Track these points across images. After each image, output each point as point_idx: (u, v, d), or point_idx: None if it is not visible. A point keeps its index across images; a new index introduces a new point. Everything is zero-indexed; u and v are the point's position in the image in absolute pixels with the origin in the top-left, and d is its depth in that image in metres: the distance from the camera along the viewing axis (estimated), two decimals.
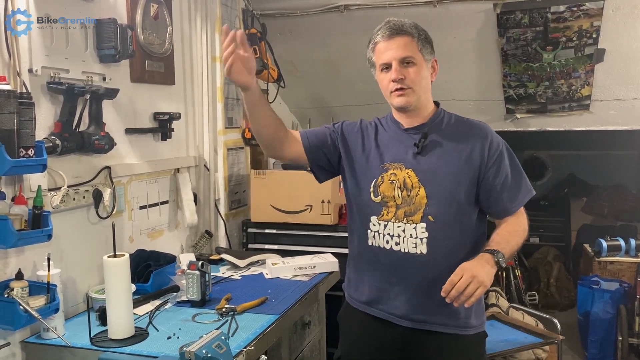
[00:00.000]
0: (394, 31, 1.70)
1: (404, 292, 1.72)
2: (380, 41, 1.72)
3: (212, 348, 1.40)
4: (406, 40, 1.70)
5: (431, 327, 1.71)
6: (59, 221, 1.80)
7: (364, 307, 1.81)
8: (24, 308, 1.56)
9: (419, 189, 1.70)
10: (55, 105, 1.85)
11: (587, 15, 2.76)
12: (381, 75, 1.75)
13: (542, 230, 5.35)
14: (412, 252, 1.70)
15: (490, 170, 1.70)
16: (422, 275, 1.69)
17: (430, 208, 1.68)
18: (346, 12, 2.96)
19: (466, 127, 1.78)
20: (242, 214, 3.06)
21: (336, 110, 3.79)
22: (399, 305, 1.73)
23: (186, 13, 2.60)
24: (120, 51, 2.00)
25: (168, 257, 2.23)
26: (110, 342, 1.66)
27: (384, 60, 1.72)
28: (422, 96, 1.74)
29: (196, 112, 2.68)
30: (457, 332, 1.72)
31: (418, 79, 1.70)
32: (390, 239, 1.72)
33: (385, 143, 1.80)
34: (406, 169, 1.73)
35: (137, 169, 2.25)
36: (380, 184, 1.75)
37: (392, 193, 1.73)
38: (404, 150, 1.75)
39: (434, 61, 1.77)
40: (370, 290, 1.79)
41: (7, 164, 1.50)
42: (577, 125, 3.29)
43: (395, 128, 1.81)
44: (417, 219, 1.70)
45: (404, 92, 1.70)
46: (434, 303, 1.68)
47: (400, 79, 1.69)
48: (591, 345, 3.78)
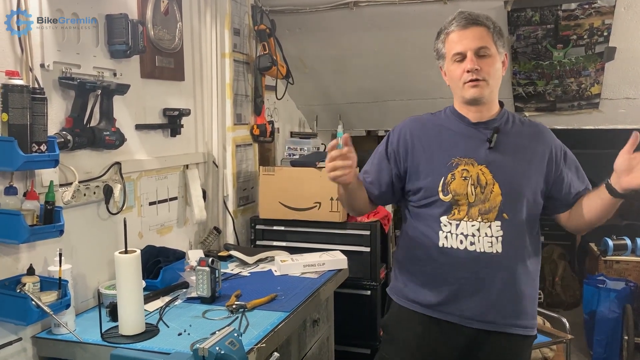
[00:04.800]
0: (470, 21, 1.66)
1: (478, 292, 1.66)
2: (455, 30, 1.67)
3: (225, 345, 1.39)
4: (482, 31, 1.66)
5: (501, 328, 1.67)
6: (70, 217, 1.80)
7: (427, 310, 1.72)
8: (36, 303, 1.56)
9: (493, 185, 1.66)
10: (67, 101, 1.84)
11: (598, 13, 2.74)
12: (453, 66, 1.69)
13: (547, 228, 5.24)
14: (487, 252, 1.65)
15: (565, 166, 1.73)
16: (496, 275, 1.66)
17: (505, 206, 1.65)
18: (356, 8, 2.95)
19: (532, 128, 1.76)
20: (251, 210, 3.06)
21: (344, 108, 3.79)
22: (472, 306, 1.67)
23: (196, 9, 2.59)
24: (131, 47, 2.00)
25: (177, 254, 2.23)
26: (121, 338, 1.66)
27: (458, 49, 1.66)
28: (494, 90, 1.70)
29: (205, 108, 2.67)
30: (524, 332, 1.70)
31: (492, 71, 1.66)
32: (464, 239, 1.66)
33: (452, 138, 1.73)
34: (479, 165, 1.67)
35: (147, 165, 2.25)
36: (450, 181, 1.68)
37: (464, 190, 1.66)
38: (474, 145, 1.70)
39: (505, 55, 1.72)
40: (439, 292, 1.70)
41: (20, 159, 1.50)
42: (586, 123, 3.28)
43: (460, 122, 1.74)
44: (492, 217, 1.65)
45: (479, 84, 1.65)
46: (505, 303, 1.66)
47: (475, 70, 1.63)
48: (597, 344, 3.77)
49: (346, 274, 2.47)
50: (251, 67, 3.02)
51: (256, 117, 3.07)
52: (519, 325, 1.69)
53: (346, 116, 3.79)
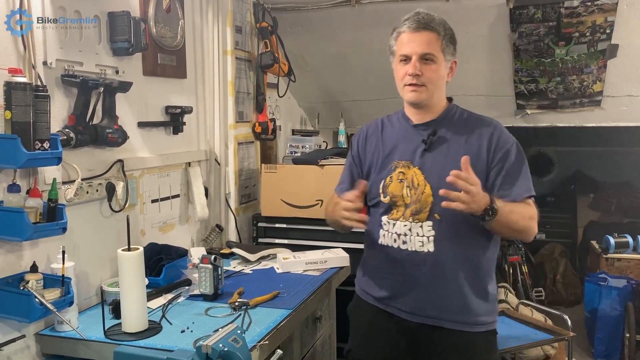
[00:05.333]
0: (422, 25, 1.68)
1: (413, 289, 1.72)
2: (406, 32, 1.70)
3: (229, 342, 1.39)
4: (432, 36, 1.68)
5: (441, 324, 1.71)
6: (73, 214, 1.79)
7: (375, 302, 1.82)
8: (39, 300, 1.56)
9: (425, 186, 1.69)
10: (69, 98, 1.84)
11: (601, 10, 2.74)
12: (398, 66, 1.74)
13: (549, 226, 5.33)
14: (419, 251, 1.70)
15: (494, 167, 1.69)
16: (430, 273, 1.69)
17: (436, 206, 1.66)
18: (358, 6, 2.94)
19: (475, 124, 1.76)
20: (253, 208, 3.06)
21: (346, 105, 3.78)
22: (408, 302, 1.73)
23: (198, 6, 2.59)
24: (133, 44, 2.00)
25: (180, 251, 2.23)
26: (124, 336, 1.66)
27: (404, 51, 1.70)
28: (435, 94, 1.73)
29: (207, 106, 2.67)
30: (467, 329, 1.71)
31: (434, 78, 1.69)
32: (397, 238, 1.73)
33: (394, 141, 1.80)
34: (413, 167, 1.72)
35: (149, 163, 2.25)
36: (389, 184, 1.75)
37: (400, 192, 1.73)
38: (412, 147, 1.75)
39: (453, 62, 1.75)
40: (381, 287, 1.80)
41: (23, 157, 1.50)
42: (588, 121, 3.27)
43: (405, 124, 1.80)
44: (423, 218, 1.69)
45: (418, 89, 1.69)
46: (444, 300, 1.69)
47: (416, 75, 1.67)
48: (598, 342, 3.77)
49: (348, 271, 2.47)
50: (253, 64, 3.02)
51: (258, 114, 3.07)
52: (462, 321, 1.70)
53: (348, 114, 3.79)
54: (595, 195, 5.30)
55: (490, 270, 1.77)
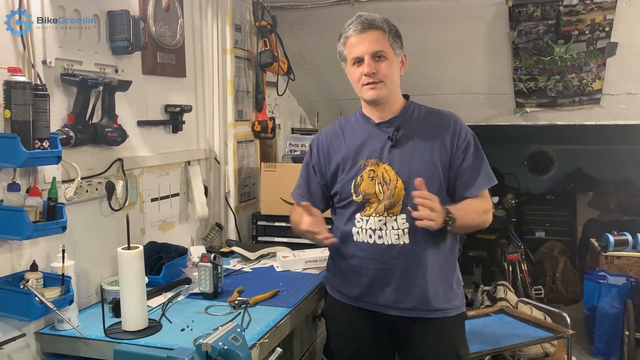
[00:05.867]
0: (366, 25, 1.75)
1: (390, 282, 1.78)
2: (352, 35, 1.77)
3: (229, 340, 1.40)
4: (378, 34, 1.75)
5: (418, 314, 1.77)
6: (72, 213, 1.79)
7: (351, 300, 1.86)
8: (39, 299, 1.56)
9: (397, 181, 1.75)
10: (69, 97, 1.85)
11: (600, 8, 2.74)
12: (352, 69, 1.80)
13: (548, 224, 5.35)
14: (395, 244, 1.76)
15: (458, 157, 1.77)
16: (406, 265, 1.76)
17: (408, 199, 1.72)
18: (357, 4, 2.94)
19: (436, 118, 1.83)
20: (252, 206, 3.06)
21: (344, 103, 3.78)
22: (386, 296, 1.79)
23: (197, 5, 2.59)
24: (132, 43, 2.00)
25: (179, 250, 2.23)
26: (124, 334, 1.66)
27: (356, 54, 1.76)
28: (392, 90, 1.80)
29: (207, 104, 2.67)
30: (442, 315, 1.78)
31: (389, 73, 1.76)
32: (372, 233, 1.78)
33: (358, 141, 1.84)
34: (383, 164, 1.78)
35: (149, 162, 2.25)
36: (360, 183, 1.80)
37: (373, 190, 1.78)
38: (379, 145, 1.80)
39: (403, 56, 1.83)
40: (357, 284, 1.84)
41: (23, 156, 1.50)
42: (587, 119, 3.27)
43: (366, 124, 1.86)
44: (397, 211, 1.76)
45: (376, 86, 1.76)
46: (422, 290, 1.76)
47: (372, 73, 1.73)
48: (597, 339, 3.79)
49: None
50: (252, 63, 3.02)
51: (257, 113, 3.07)
52: (438, 308, 1.78)
53: (347, 112, 3.73)
54: (595, 193, 5.31)
55: (455, 256, 1.88)
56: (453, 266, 1.86)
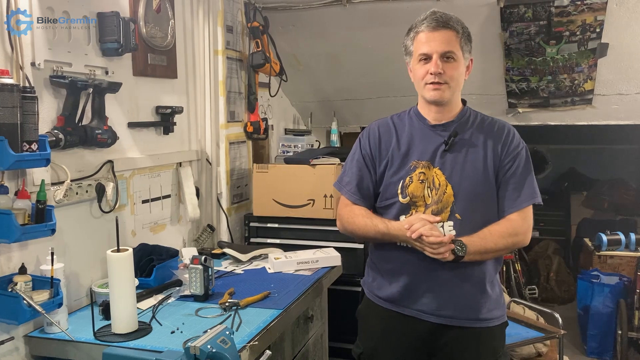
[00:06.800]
0: (440, 23, 1.69)
1: (432, 289, 1.72)
2: (424, 31, 1.70)
3: (217, 343, 1.40)
4: (451, 35, 1.69)
5: (459, 323, 1.71)
6: (62, 215, 1.79)
7: (388, 304, 1.80)
8: (27, 302, 1.56)
9: (447, 187, 1.70)
10: (58, 99, 1.84)
11: (591, 9, 2.75)
12: (417, 65, 1.74)
13: (542, 224, 5.35)
14: None
15: (504, 167, 1.72)
16: (450, 272, 1.70)
17: (457, 206, 1.69)
18: (349, 5, 2.94)
19: (490, 126, 1.78)
20: (244, 208, 3.06)
21: (338, 104, 3.79)
22: (427, 302, 1.73)
23: (188, 6, 2.58)
24: (123, 45, 1.99)
25: (170, 251, 2.23)
26: (113, 337, 1.66)
27: (424, 50, 1.70)
28: (455, 93, 1.74)
29: (198, 106, 2.67)
30: (483, 325, 1.73)
31: (455, 75, 1.70)
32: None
33: (410, 141, 1.78)
34: (434, 168, 1.73)
35: (140, 163, 2.25)
36: (408, 184, 1.74)
37: (421, 193, 1.72)
38: (431, 148, 1.75)
39: (470, 60, 1.76)
40: (397, 288, 1.77)
41: (11, 158, 1.49)
42: (579, 119, 3.28)
43: (421, 124, 1.79)
44: (444, 218, 1.70)
45: (440, 87, 1.69)
46: (463, 299, 1.71)
47: (439, 73, 1.67)
48: (591, 339, 3.80)
49: (340, 270, 2.48)
50: (244, 64, 3.01)
51: (250, 114, 3.06)
52: (478, 318, 1.72)
53: (340, 113, 3.79)
54: (589, 193, 5.33)
55: (500, 267, 1.83)
56: (495, 274, 1.79)
